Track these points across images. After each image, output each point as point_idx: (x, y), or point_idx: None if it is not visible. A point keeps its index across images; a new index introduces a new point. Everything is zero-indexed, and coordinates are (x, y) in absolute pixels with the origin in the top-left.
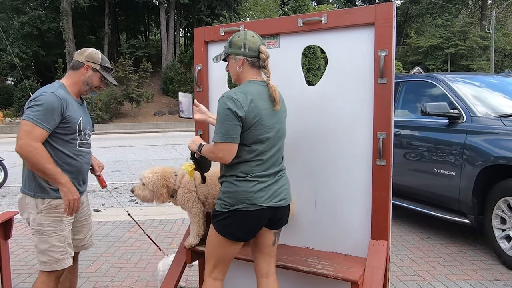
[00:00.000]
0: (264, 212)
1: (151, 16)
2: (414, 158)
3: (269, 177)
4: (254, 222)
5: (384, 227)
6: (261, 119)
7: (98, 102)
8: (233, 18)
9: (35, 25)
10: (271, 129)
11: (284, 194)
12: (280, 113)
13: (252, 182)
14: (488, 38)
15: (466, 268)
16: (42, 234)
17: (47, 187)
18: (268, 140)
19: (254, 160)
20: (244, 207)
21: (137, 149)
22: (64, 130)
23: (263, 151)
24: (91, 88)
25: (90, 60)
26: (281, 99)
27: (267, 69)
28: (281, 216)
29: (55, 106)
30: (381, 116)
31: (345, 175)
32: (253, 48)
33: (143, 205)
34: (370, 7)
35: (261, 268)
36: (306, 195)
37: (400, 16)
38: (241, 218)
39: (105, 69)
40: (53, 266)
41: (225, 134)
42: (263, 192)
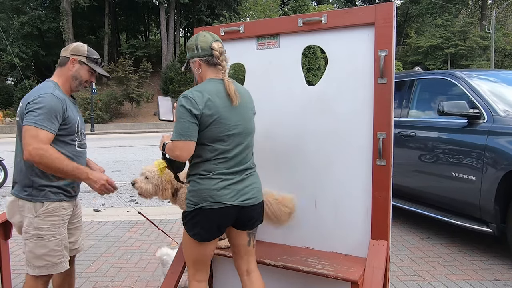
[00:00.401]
0: (229, 210)
1: (151, 16)
2: (430, 161)
3: (234, 175)
4: (219, 221)
5: (384, 227)
6: (220, 117)
7: (98, 102)
8: (233, 18)
9: (35, 25)
10: (234, 127)
11: (252, 193)
12: (244, 110)
13: (215, 179)
14: (488, 38)
15: (466, 268)
16: (39, 239)
17: (47, 190)
18: (231, 138)
19: (217, 159)
20: (208, 205)
21: (137, 149)
22: (64, 131)
23: (226, 149)
24: (81, 83)
25: (75, 53)
26: (247, 96)
27: (221, 65)
28: (252, 216)
29: (57, 108)
30: (381, 116)
31: (345, 175)
32: (205, 47)
33: (143, 205)
34: (370, 7)
35: (241, 267)
36: (306, 195)
37: (400, 16)
38: (206, 216)
39: (93, 60)
40: (49, 270)
41: (181, 132)
42: (227, 190)
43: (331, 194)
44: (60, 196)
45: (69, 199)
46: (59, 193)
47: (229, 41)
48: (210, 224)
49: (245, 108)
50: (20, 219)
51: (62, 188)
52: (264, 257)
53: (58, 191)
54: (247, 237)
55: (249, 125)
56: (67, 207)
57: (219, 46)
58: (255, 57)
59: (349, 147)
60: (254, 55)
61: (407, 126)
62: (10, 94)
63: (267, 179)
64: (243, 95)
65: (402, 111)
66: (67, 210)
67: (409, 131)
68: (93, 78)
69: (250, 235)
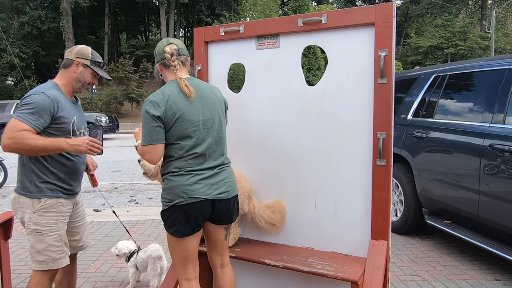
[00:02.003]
0: (203, 204)
1: (151, 16)
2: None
3: (205, 170)
4: (195, 215)
5: (384, 227)
6: (182, 114)
7: (98, 102)
8: (233, 18)
9: (35, 25)
10: (197, 122)
11: (225, 187)
12: (206, 104)
13: (187, 175)
14: (488, 38)
15: (466, 268)
16: (38, 234)
17: (44, 187)
18: (196, 134)
19: (187, 155)
20: (182, 200)
21: None
22: (58, 131)
23: (194, 145)
24: (84, 85)
25: (80, 56)
26: (210, 91)
27: (173, 65)
28: (226, 211)
29: (45, 106)
30: (381, 116)
31: (345, 175)
32: (159, 51)
33: (143, 205)
34: (370, 7)
35: (215, 261)
36: (306, 195)
37: (400, 16)
38: (182, 212)
39: (96, 64)
40: (50, 265)
41: (147, 137)
42: (199, 184)
43: (331, 194)
44: (57, 193)
45: (68, 197)
46: (56, 190)
47: (229, 41)
48: (187, 219)
49: (208, 102)
50: (21, 215)
51: (58, 185)
52: (264, 257)
53: (55, 188)
54: (224, 231)
55: (214, 119)
56: (66, 204)
57: (171, 48)
58: (255, 57)
59: (349, 147)
60: (254, 55)
61: (506, 137)
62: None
63: (267, 179)
64: (203, 90)
65: (493, 116)
66: (66, 207)
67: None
68: (95, 80)
69: (226, 229)
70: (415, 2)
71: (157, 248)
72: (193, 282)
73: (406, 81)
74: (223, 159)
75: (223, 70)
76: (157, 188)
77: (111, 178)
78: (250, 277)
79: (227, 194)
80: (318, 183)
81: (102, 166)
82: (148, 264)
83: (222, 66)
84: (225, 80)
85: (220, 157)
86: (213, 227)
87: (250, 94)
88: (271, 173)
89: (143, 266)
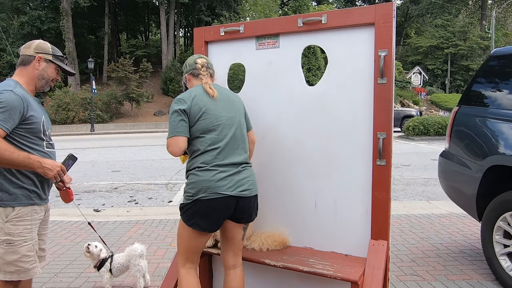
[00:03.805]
0: (227, 201)
1: (151, 16)
2: None
3: (230, 167)
4: (217, 211)
5: (384, 227)
6: (208, 109)
7: (98, 102)
8: (233, 18)
9: (35, 25)
10: (221, 117)
11: (248, 185)
12: (228, 103)
13: (213, 171)
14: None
15: (466, 268)
16: (10, 245)
17: (19, 194)
18: (219, 127)
19: (212, 150)
20: (206, 195)
21: (137, 149)
22: (29, 132)
23: (217, 139)
24: (48, 82)
25: (40, 51)
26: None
27: (202, 74)
28: (247, 209)
29: (15, 105)
30: (381, 116)
31: (345, 175)
32: (190, 62)
33: (143, 206)
34: (370, 7)
35: (229, 261)
36: (306, 195)
37: (400, 16)
38: (204, 207)
39: (59, 58)
40: (22, 276)
41: (171, 130)
42: (225, 181)
43: (331, 194)
44: (33, 200)
45: (41, 202)
46: (31, 196)
47: (229, 41)
48: (209, 214)
49: (230, 103)
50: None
51: (33, 191)
52: (264, 257)
53: (30, 195)
54: (242, 231)
55: (236, 117)
56: (39, 211)
57: (202, 61)
58: (255, 57)
59: (349, 147)
60: (254, 55)
61: None
62: None
63: (267, 180)
64: (226, 92)
65: None
66: (39, 214)
67: None
68: (58, 76)
69: (244, 229)
70: (415, 2)
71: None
72: (191, 271)
73: None
74: (246, 157)
75: (223, 70)
76: (157, 188)
77: (111, 178)
78: (250, 277)
79: (249, 192)
80: (318, 183)
81: (102, 166)
82: (131, 265)
83: (222, 66)
84: (225, 80)
85: (243, 155)
86: (232, 225)
87: (250, 94)
88: (271, 173)
89: (120, 271)
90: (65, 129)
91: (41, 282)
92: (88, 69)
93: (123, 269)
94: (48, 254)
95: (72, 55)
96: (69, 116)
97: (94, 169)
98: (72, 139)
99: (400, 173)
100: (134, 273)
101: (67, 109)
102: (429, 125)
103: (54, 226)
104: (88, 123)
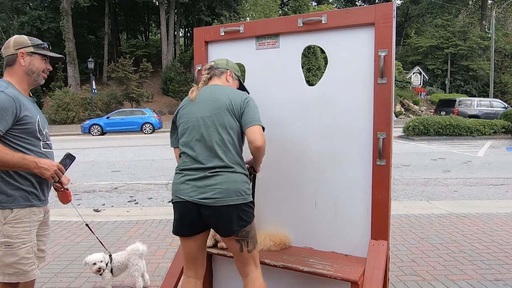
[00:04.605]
0: (186, 206)
1: (151, 16)
2: None
3: (195, 171)
4: (180, 215)
5: (384, 227)
6: (183, 112)
7: (98, 102)
8: (233, 18)
9: (35, 25)
10: (191, 118)
11: (213, 193)
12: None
13: (179, 174)
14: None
15: (466, 268)
16: (9, 247)
17: (17, 195)
18: (188, 129)
19: (182, 153)
20: (173, 198)
21: (137, 149)
22: (24, 132)
23: (185, 142)
24: (39, 74)
25: (19, 46)
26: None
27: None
28: (217, 220)
29: (7, 106)
30: (381, 116)
31: (345, 175)
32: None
33: (143, 206)
34: (370, 7)
35: (239, 269)
36: (306, 195)
37: (400, 16)
38: (174, 209)
39: (40, 47)
40: (20, 278)
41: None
42: (186, 185)
43: (331, 194)
44: (31, 202)
45: (40, 204)
46: (29, 198)
47: (229, 41)
48: (176, 218)
49: (208, 101)
50: None
51: (32, 192)
52: (264, 257)
53: (28, 196)
54: (236, 244)
55: (209, 116)
56: (38, 212)
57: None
58: (255, 57)
59: (349, 147)
60: (254, 55)
61: None
62: None
63: (267, 180)
64: (211, 90)
65: None
66: (38, 216)
67: None
68: (48, 65)
69: (239, 241)
70: (415, 2)
71: (140, 246)
72: (191, 280)
73: None
74: (218, 162)
75: None
76: (157, 188)
77: (111, 178)
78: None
79: (214, 201)
80: (318, 183)
81: (102, 166)
82: (130, 264)
83: None
84: None
85: (214, 160)
86: (222, 238)
87: (250, 94)
88: (270, 173)
89: (120, 270)
90: (65, 129)
91: (41, 282)
92: (88, 69)
93: (122, 268)
94: (48, 254)
95: (72, 55)
96: (69, 116)
97: (94, 169)
98: (72, 139)
99: (400, 173)
100: (132, 272)
101: (67, 109)
102: (429, 125)
103: (54, 226)
104: None
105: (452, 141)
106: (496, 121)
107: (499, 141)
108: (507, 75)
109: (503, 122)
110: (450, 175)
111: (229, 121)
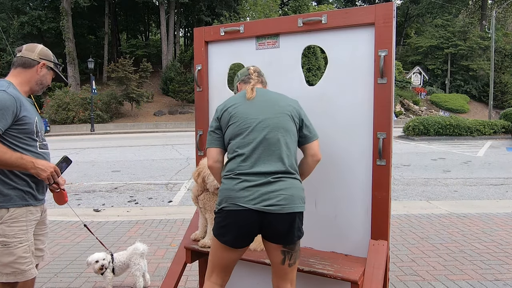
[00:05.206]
0: (248, 215)
1: (151, 16)
2: None
3: (257, 176)
4: (236, 225)
5: (384, 227)
6: (237, 112)
7: (98, 102)
8: (233, 18)
9: (35, 25)
10: (250, 119)
11: (278, 200)
12: (267, 105)
13: (235, 179)
14: (488, 38)
15: (466, 268)
16: (6, 246)
17: (13, 195)
18: (246, 130)
19: (236, 156)
20: (227, 206)
21: (137, 149)
22: (21, 133)
23: (242, 143)
24: (44, 87)
25: (45, 57)
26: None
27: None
28: (279, 228)
29: (8, 105)
30: (381, 116)
31: (345, 175)
32: (243, 71)
33: (143, 206)
34: (370, 7)
35: (274, 282)
36: (306, 195)
37: (400, 16)
38: (226, 218)
39: (58, 66)
40: (18, 277)
41: (206, 142)
42: (247, 191)
43: (331, 194)
44: (27, 201)
45: (37, 203)
46: (25, 197)
47: (229, 41)
48: (230, 227)
49: (268, 102)
50: None
51: (28, 191)
52: (264, 257)
53: (24, 195)
54: (281, 255)
55: (271, 119)
56: (35, 211)
57: (255, 69)
58: (255, 57)
59: (349, 147)
60: (254, 55)
61: None
62: None
63: None
64: (268, 93)
65: None
66: (35, 215)
67: None
68: (50, 82)
69: (284, 253)
70: (415, 2)
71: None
72: (215, 287)
73: None
74: (280, 167)
75: (223, 70)
76: (157, 188)
77: (111, 178)
78: (250, 277)
79: (280, 208)
80: (318, 183)
81: (102, 166)
82: (131, 263)
83: (222, 66)
84: (225, 80)
85: (276, 164)
86: (269, 245)
87: None
88: None
89: (121, 270)
90: (65, 129)
91: (41, 282)
92: (88, 69)
93: (124, 268)
94: (48, 254)
95: (72, 55)
96: (69, 116)
97: (94, 169)
98: (72, 139)
99: (400, 173)
100: (134, 272)
101: (67, 109)
102: (429, 125)
103: (54, 226)
104: (88, 123)
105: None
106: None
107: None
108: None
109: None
110: (450, 175)
111: (291, 126)
